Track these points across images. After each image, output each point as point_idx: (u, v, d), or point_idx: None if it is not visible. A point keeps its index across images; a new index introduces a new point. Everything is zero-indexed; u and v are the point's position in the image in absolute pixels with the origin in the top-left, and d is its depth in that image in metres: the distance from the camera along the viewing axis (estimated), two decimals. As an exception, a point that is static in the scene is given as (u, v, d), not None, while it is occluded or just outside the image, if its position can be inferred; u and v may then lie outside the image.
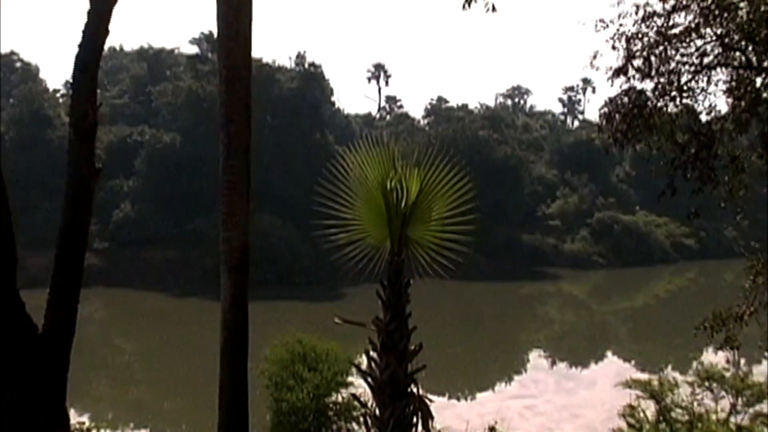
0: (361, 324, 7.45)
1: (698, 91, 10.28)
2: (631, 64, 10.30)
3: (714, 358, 17.72)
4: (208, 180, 54.16)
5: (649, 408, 16.18)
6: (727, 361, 17.00)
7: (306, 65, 69.17)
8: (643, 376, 18.57)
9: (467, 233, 7.41)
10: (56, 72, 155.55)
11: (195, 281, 49.34)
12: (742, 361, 24.02)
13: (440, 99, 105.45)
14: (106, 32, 5.42)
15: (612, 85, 10.49)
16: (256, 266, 47.16)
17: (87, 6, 5.30)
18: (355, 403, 14.14)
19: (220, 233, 6.09)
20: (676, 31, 10.08)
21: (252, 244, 6.15)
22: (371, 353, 7.27)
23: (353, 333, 7.74)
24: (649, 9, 10.15)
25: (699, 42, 10.02)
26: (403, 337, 7.19)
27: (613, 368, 33.10)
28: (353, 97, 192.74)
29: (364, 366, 7.47)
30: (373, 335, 7.28)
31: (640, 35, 10.24)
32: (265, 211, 53.46)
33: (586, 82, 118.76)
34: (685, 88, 10.20)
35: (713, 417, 15.69)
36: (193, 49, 77.44)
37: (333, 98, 78.83)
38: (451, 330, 41.58)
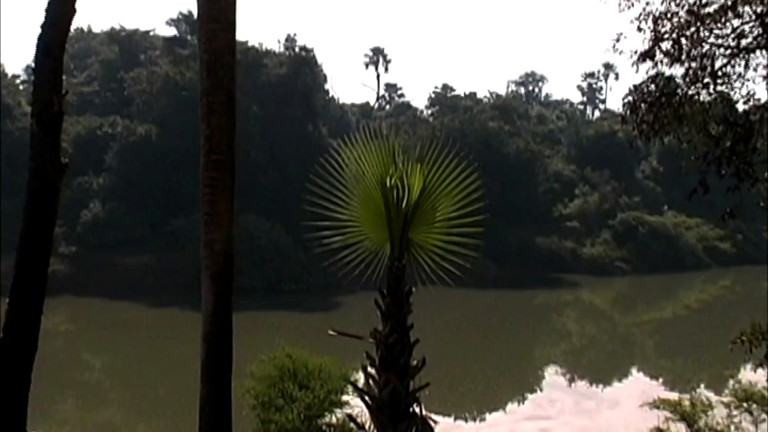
0: (358, 336, 7.44)
1: (734, 76, 10.24)
2: (659, 47, 10.27)
3: (753, 375, 17.69)
4: (188, 176, 54.13)
5: (680, 432, 16.16)
6: (768, 380, 16.94)
7: (296, 49, 69.21)
8: (673, 396, 18.54)
9: (475, 236, 7.39)
10: (16, 56, 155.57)
11: (173, 289, 49.26)
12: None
13: (445, 87, 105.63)
14: (73, 11, 5.41)
15: (637, 71, 10.47)
16: (241, 272, 47.33)
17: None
18: (351, 424, 14.11)
19: (201, 236, 6.07)
20: (710, 9, 10.05)
21: (237, 248, 6.14)
22: (369, 369, 7.25)
23: (349, 347, 7.73)
24: (679, -15, 10.12)
25: (736, 22, 9.98)
26: (404, 351, 7.17)
27: (638, 386, 33.08)
28: (349, 84, 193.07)
29: (360, 383, 7.46)
30: (371, 349, 7.26)
31: (669, 15, 10.22)
32: (251, 211, 53.44)
33: (609, 67, 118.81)
34: (719, 73, 10.16)
35: (752, 442, 15.66)
36: (171, 31, 77.48)
37: (326, 86, 78.96)
38: (457, 343, 41.56)
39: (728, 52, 10.11)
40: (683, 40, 10.13)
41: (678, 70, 10.38)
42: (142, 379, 34.02)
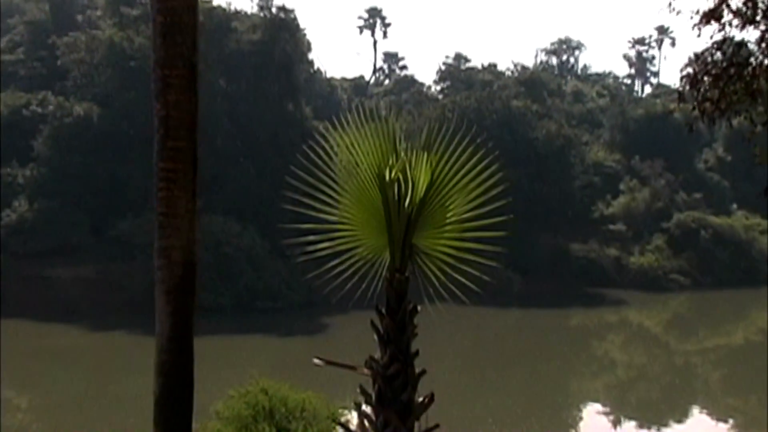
0: (350, 367, 7.45)
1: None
2: (727, 5, 10.25)
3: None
4: (139, 168, 54.12)
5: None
6: None
7: (273, 10, 69.25)
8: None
9: (496, 242, 7.41)
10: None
11: (119, 308, 49.22)
12: None
13: (458, 57, 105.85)
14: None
15: (699, 36, 10.44)
16: (206, 287, 47.32)
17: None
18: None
19: (155, 242, 6.08)
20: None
21: (200, 257, 6.14)
22: (364, 407, 7.26)
23: (339, 379, 7.74)
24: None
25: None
26: (407, 385, 7.18)
27: (701, 430, 33.11)
28: (339, 54, 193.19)
29: (353, 425, 7.48)
30: (366, 382, 7.27)
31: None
32: (217, 211, 53.44)
33: (663, 31, 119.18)
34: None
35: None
36: (116, -14, 77.37)
37: (311, 56, 79.01)
38: (473, 375, 41.59)
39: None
40: (759, -5, 10.12)
41: (751, 34, 10.36)
42: (81, 421, 33.93)
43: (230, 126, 60.95)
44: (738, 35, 10.40)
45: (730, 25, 10.31)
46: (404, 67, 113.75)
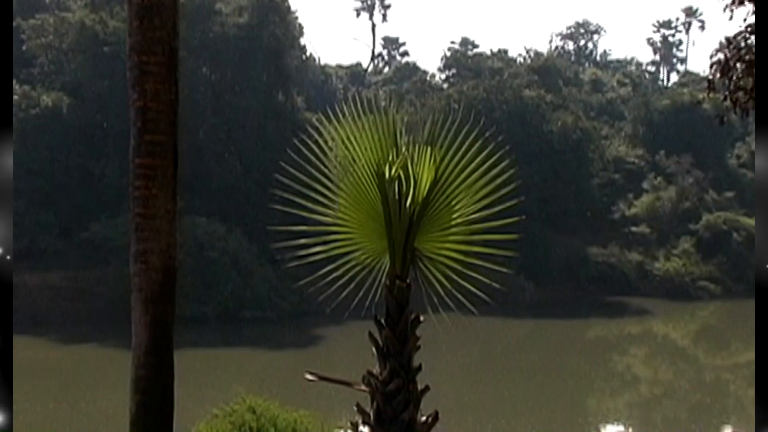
0: (346, 383, 7.45)
1: None
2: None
3: None
4: (114, 164, 54.13)
5: None
6: None
7: (262, -11, 69.20)
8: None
9: (507, 245, 7.41)
10: None
11: (92, 319, 49.17)
12: None
13: (465, 42, 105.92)
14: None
15: (731, 18, 10.43)
16: (188, 295, 47.27)
17: None
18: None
19: (131, 245, 6.08)
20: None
21: (181, 262, 6.14)
22: (361, 428, 7.27)
23: (334, 396, 7.75)
24: None
25: None
26: (409, 403, 7.19)
27: (731, 452, 33.12)
28: (334, 39, 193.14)
29: (350, 447, 7.48)
30: (363, 400, 7.28)
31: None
32: (200, 211, 53.39)
33: (691, 13, 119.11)
34: None
35: None
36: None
37: (303, 41, 78.95)
38: (482, 392, 41.55)
39: None
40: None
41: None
42: (50, 442, 33.98)
43: (214, 118, 60.92)
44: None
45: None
46: (405, 54, 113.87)
